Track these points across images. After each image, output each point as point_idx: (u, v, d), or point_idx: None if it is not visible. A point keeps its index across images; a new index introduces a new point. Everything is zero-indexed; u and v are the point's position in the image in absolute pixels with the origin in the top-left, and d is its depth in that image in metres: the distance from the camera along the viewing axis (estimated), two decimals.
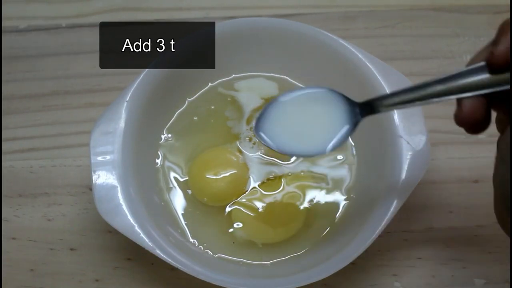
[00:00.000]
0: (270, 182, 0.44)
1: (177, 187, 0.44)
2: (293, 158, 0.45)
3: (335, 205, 0.43)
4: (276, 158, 0.44)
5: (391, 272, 0.44)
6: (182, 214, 0.43)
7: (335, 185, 0.44)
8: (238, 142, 0.45)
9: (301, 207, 0.43)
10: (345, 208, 0.43)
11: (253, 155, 0.44)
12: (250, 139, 0.45)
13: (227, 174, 0.43)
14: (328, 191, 0.44)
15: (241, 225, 0.42)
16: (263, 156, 0.44)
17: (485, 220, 0.46)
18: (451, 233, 0.46)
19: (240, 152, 0.45)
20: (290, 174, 0.44)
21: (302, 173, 0.44)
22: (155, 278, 0.44)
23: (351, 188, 0.44)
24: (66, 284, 0.44)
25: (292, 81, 0.47)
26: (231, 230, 0.42)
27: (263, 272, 0.41)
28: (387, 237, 0.45)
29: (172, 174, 0.44)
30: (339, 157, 0.45)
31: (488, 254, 0.45)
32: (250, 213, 0.42)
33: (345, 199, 0.43)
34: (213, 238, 0.42)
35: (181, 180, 0.44)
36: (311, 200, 0.43)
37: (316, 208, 0.43)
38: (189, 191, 0.44)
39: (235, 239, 0.42)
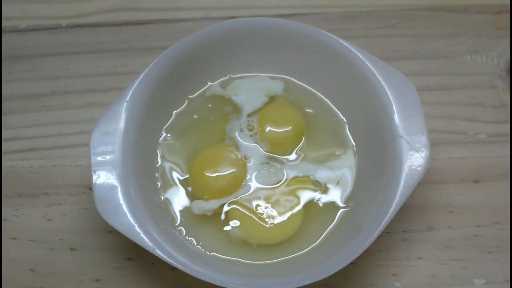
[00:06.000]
0: (269, 188, 0.44)
1: (176, 186, 0.44)
2: (294, 156, 0.45)
3: (334, 206, 0.43)
4: (276, 154, 0.45)
5: (391, 272, 0.44)
6: (181, 213, 0.43)
7: (334, 186, 0.44)
8: (237, 133, 0.45)
9: (299, 210, 0.43)
10: (344, 209, 0.43)
11: (252, 145, 0.44)
12: (251, 128, 0.45)
13: (226, 172, 0.43)
14: (327, 192, 0.44)
15: (238, 223, 0.42)
16: (263, 152, 0.45)
17: (485, 220, 0.46)
18: (451, 233, 0.46)
19: (239, 149, 0.44)
20: (289, 176, 0.44)
21: (301, 175, 0.44)
22: (155, 278, 0.44)
23: (351, 189, 0.44)
24: (66, 284, 0.44)
25: (294, 80, 0.47)
26: (228, 228, 0.42)
27: (262, 272, 0.41)
28: (387, 237, 0.45)
29: (172, 173, 0.44)
30: (338, 152, 0.45)
31: (488, 254, 0.45)
32: (247, 213, 0.42)
33: (345, 200, 0.43)
34: (209, 237, 0.42)
35: (181, 178, 0.44)
36: (309, 202, 0.43)
37: (314, 210, 0.43)
38: (189, 189, 0.44)
39: (231, 238, 0.42)
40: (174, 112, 0.46)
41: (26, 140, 0.49)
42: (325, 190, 0.44)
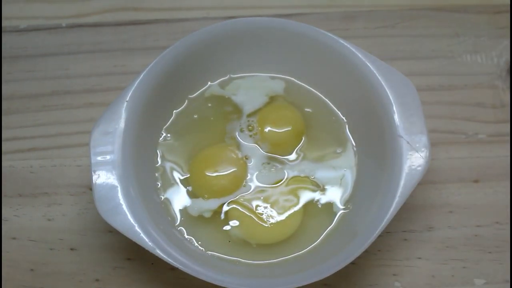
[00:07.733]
0: (269, 188, 0.44)
1: (176, 186, 0.44)
2: (294, 156, 0.45)
3: (334, 205, 0.43)
4: (276, 154, 0.45)
5: (391, 272, 0.44)
6: (181, 213, 0.43)
7: (334, 187, 0.44)
8: (237, 133, 0.45)
9: (299, 209, 0.43)
10: (344, 209, 0.43)
11: (252, 146, 0.44)
12: (252, 129, 0.45)
13: (227, 171, 0.43)
14: (327, 192, 0.44)
15: (237, 223, 0.42)
16: (263, 152, 0.45)
17: (485, 220, 0.46)
18: (451, 233, 0.46)
19: (239, 148, 0.45)
20: (289, 176, 0.44)
21: (301, 175, 0.44)
22: (155, 278, 0.44)
23: (351, 189, 0.44)
24: (66, 284, 0.44)
25: (294, 80, 0.47)
26: (228, 228, 0.42)
27: (262, 272, 0.41)
28: (387, 237, 0.45)
29: (172, 173, 0.44)
30: (338, 151, 0.45)
31: (488, 254, 0.45)
32: (246, 213, 0.42)
33: (345, 200, 0.43)
34: (209, 237, 0.42)
35: (181, 178, 0.44)
36: (309, 203, 0.43)
37: (314, 210, 0.43)
38: (189, 188, 0.44)
39: (230, 238, 0.42)
40: (174, 112, 0.46)
41: (26, 140, 0.49)
42: (325, 191, 0.44)
